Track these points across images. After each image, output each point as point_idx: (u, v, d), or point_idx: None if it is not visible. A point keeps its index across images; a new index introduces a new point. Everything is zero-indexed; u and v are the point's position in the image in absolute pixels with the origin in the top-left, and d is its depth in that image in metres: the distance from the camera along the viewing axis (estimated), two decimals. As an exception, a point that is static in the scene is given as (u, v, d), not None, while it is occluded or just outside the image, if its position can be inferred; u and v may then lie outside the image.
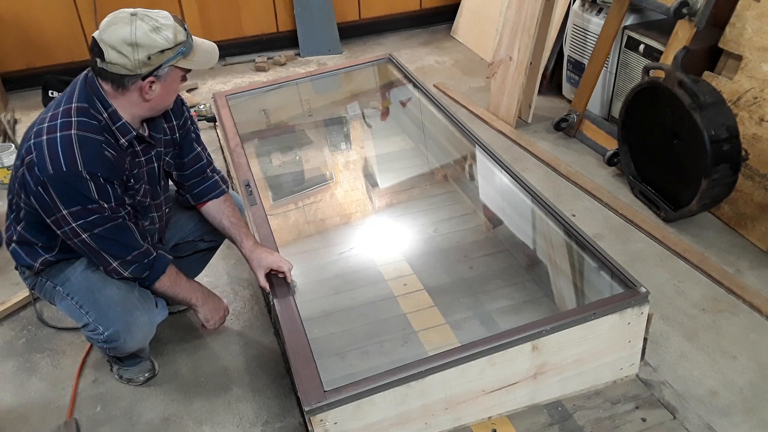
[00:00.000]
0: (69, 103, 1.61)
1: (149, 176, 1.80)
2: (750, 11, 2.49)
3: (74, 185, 1.56)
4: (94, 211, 1.60)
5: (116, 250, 1.70)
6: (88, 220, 1.61)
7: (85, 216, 1.60)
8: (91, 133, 1.59)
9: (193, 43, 1.63)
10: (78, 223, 1.61)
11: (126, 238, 1.70)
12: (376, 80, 3.55)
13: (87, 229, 1.62)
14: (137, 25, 1.52)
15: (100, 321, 1.77)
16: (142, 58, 1.53)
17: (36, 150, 1.56)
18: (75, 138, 1.56)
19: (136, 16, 1.54)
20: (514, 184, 2.34)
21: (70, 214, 1.59)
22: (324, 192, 2.98)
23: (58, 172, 1.54)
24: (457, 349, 1.67)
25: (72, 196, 1.57)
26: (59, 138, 1.55)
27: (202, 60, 1.66)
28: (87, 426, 1.94)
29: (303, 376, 1.59)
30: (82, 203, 1.58)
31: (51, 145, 1.55)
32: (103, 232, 1.64)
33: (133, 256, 1.72)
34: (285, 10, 4.58)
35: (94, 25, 4.00)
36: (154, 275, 1.79)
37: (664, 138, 2.60)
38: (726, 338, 2.12)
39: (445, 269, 2.46)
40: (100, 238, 1.65)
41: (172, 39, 1.55)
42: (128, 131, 1.65)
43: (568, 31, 3.47)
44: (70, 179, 1.55)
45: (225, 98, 3.03)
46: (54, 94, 3.77)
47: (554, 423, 1.80)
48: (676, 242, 2.55)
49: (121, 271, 1.73)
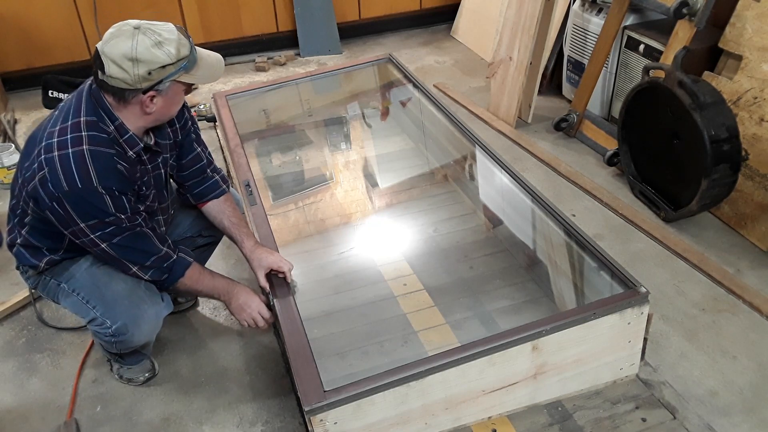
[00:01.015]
0: (77, 116, 1.60)
1: (156, 182, 1.81)
2: (750, 11, 2.49)
3: (90, 200, 1.57)
4: (111, 223, 1.62)
5: (135, 257, 1.72)
6: (106, 232, 1.63)
7: (103, 228, 1.62)
8: (102, 147, 1.59)
9: (198, 56, 1.62)
10: (96, 235, 1.62)
11: (144, 245, 1.72)
12: (376, 80, 3.55)
13: (105, 240, 1.64)
14: (139, 40, 1.51)
15: (108, 315, 1.77)
16: (142, 74, 1.52)
17: (48, 165, 1.56)
18: (87, 153, 1.56)
19: (139, 29, 1.53)
20: (514, 184, 2.34)
21: (87, 227, 1.61)
22: (324, 192, 2.97)
23: (73, 188, 1.54)
24: (457, 349, 1.67)
25: (88, 210, 1.58)
26: (72, 154, 1.55)
27: (206, 74, 1.65)
28: (87, 426, 1.94)
29: (303, 376, 1.59)
30: (98, 217, 1.60)
31: (63, 161, 1.55)
32: (121, 241, 1.66)
33: (151, 261, 1.74)
34: (285, 10, 4.58)
35: (94, 25, 4.01)
36: (173, 277, 1.80)
37: (664, 138, 2.60)
38: (726, 338, 2.12)
39: (445, 269, 2.46)
40: (118, 247, 1.67)
41: (174, 54, 1.54)
42: (136, 143, 1.66)
43: (568, 31, 3.47)
44: (85, 195, 1.56)
45: (225, 98, 3.03)
46: (54, 94, 3.77)
47: (554, 423, 1.80)
48: (676, 242, 2.55)
49: (141, 275, 1.75)
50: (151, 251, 1.73)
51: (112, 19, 1.70)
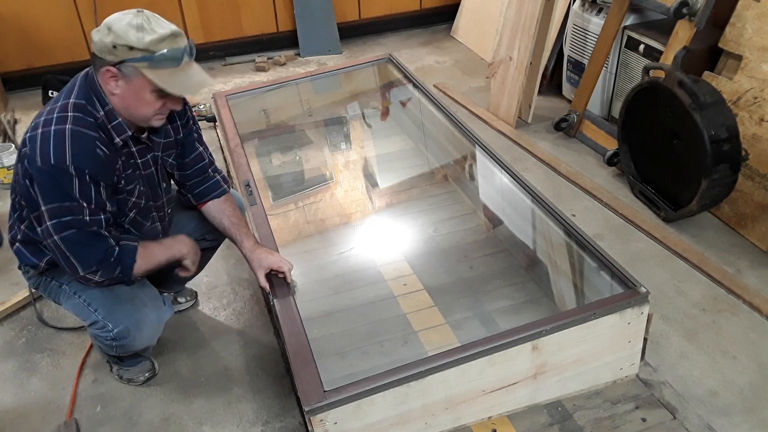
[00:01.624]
0: (67, 98, 1.61)
1: (147, 179, 1.80)
2: (750, 11, 2.49)
3: (58, 179, 1.55)
4: (70, 210, 1.58)
5: (83, 258, 1.65)
6: (62, 221, 1.59)
7: (61, 215, 1.58)
8: (85, 128, 1.58)
9: (179, 66, 1.57)
10: (52, 223, 1.59)
11: (95, 248, 1.65)
12: (376, 80, 3.55)
13: (59, 230, 1.59)
14: (130, 18, 1.53)
15: (110, 318, 1.77)
16: (108, 43, 1.52)
17: (30, 143, 1.57)
18: (69, 132, 1.56)
19: (143, 13, 1.55)
20: (514, 184, 2.34)
21: (47, 211, 1.58)
22: (324, 192, 2.98)
23: (46, 164, 1.54)
24: (457, 349, 1.67)
25: (52, 191, 1.56)
26: (53, 132, 1.55)
27: (176, 83, 1.58)
28: (87, 426, 1.94)
29: (303, 376, 1.59)
30: (60, 200, 1.57)
31: (44, 139, 1.55)
32: (74, 236, 1.61)
33: (97, 264, 1.66)
34: (285, 10, 4.58)
35: (94, 25, 3.99)
36: (126, 266, 1.72)
37: (664, 138, 2.60)
38: (726, 338, 2.12)
39: (445, 269, 2.46)
40: (68, 242, 1.61)
41: (145, 43, 1.51)
42: (123, 130, 1.65)
43: (568, 31, 3.47)
44: (55, 173, 1.55)
45: (225, 98, 3.03)
46: (54, 94, 3.76)
47: (554, 423, 1.80)
48: (676, 242, 2.55)
49: (90, 277, 1.69)
50: (98, 256, 1.65)
51: (112, 18, 1.70)
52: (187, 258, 1.89)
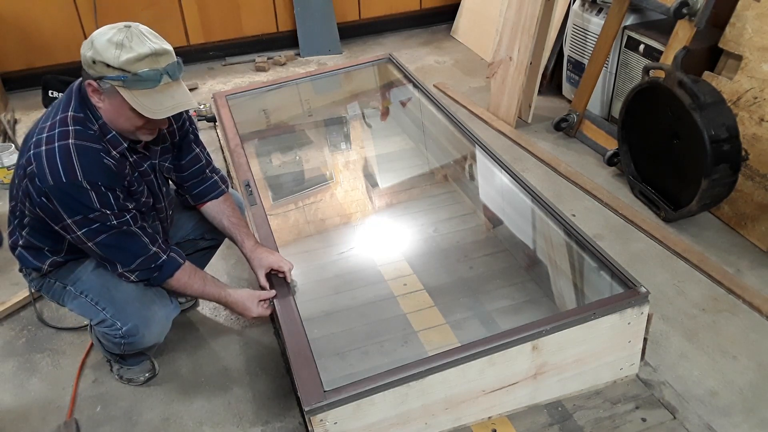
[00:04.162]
0: (65, 111, 1.61)
1: (148, 185, 1.81)
2: (750, 11, 2.49)
3: (75, 195, 1.56)
4: (96, 220, 1.61)
5: (121, 258, 1.70)
6: (92, 228, 1.62)
7: (88, 224, 1.61)
8: (89, 141, 1.59)
9: (156, 87, 1.53)
10: (82, 232, 1.62)
11: (130, 246, 1.70)
12: (376, 80, 3.55)
13: (91, 238, 1.63)
14: (113, 33, 1.50)
15: (119, 316, 1.77)
16: (89, 58, 1.52)
17: (36, 161, 1.56)
18: (73, 147, 1.56)
19: (129, 28, 1.52)
20: (514, 184, 2.34)
21: (74, 222, 1.60)
22: (324, 192, 2.98)
23: (58, 182, 1.54)
24: (457, 349, 1.67)
25: (73, 205, 1.58)
26: (57, 148, 1.55)
27: (149, 106, 1.54)
28: (87, 426, 1.94)
29: (303, 376, 1.59)
30: (83, 212, 1.59)
31: (50, 156, 1.55)
32: (106, 240, 1.64)
33: (137, 264, 1.72)
34: (285, 10, 4.58)
35: (94, 25, 4.00)
36: (161, 277, 1.77)
37: (664, 138, 2.60)
38: (726, 338, 2.12)
39: (445, 269, 2.46)
40: (104, 246, 1.66)
41: (121, 62, 1.48)
42: (119, 143, 1.64)
43: (568, 31, 3.47)
44: (70, 190, 1.55)
45: (225, 98, 3.03)
46: (54, 94, 3.78)
47: (554, 423, 1.80)
48: (676, 242, 2.55)
49: (128, 275, 1.74)
50: (138, 252, 1.70)
51: (112, 19, 1.70)
52: (232, 312, 1.98)
